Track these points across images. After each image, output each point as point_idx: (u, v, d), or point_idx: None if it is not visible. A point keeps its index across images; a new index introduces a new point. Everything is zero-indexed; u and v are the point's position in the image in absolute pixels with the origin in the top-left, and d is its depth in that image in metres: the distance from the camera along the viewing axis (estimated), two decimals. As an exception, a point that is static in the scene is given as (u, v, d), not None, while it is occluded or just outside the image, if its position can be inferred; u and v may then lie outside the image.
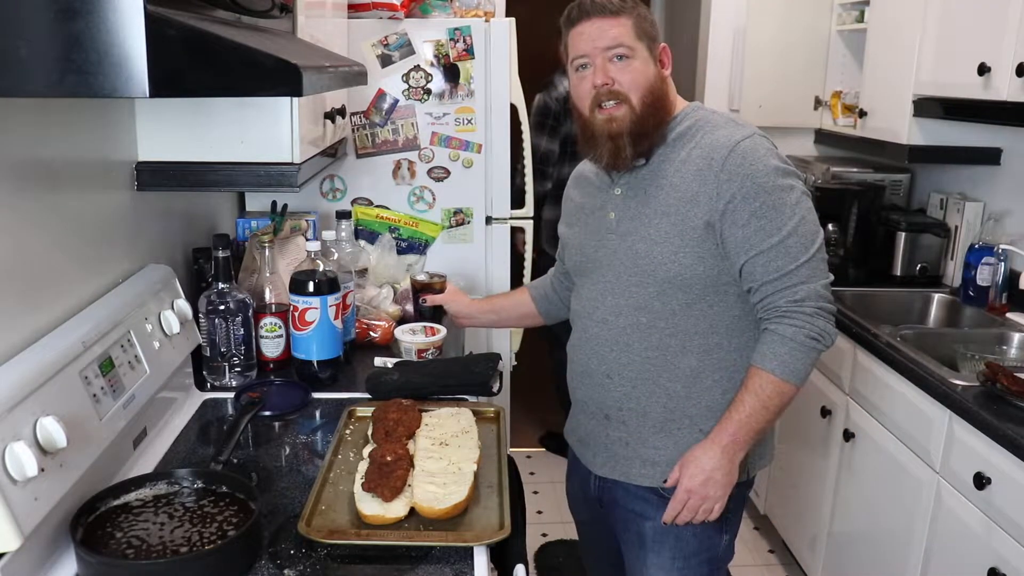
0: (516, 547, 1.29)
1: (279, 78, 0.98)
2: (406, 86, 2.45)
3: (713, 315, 1.48)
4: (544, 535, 3.05)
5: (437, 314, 1.99)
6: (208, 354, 1.79)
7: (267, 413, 1.66)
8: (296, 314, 1.80)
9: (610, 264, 1.53)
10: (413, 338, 1.97)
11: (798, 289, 1.41)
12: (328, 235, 2.11)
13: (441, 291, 1.98)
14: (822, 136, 3.43)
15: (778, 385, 1.42)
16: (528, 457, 3.64)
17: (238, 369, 1.81)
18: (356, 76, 1.56)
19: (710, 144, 1.44)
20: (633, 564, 1.62)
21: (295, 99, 1.60)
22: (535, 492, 3.36)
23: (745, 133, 1.45)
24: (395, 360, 1.90)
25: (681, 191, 1.44)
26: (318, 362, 1.83)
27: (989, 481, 1.78)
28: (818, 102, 3.41)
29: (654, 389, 1.51)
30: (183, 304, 1.68)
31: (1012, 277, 2.47)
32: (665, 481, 1.51)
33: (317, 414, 1.72)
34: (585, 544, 1.86)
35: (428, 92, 2.45)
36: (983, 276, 2.54)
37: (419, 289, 2.01)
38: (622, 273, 1.51)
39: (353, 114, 2.43)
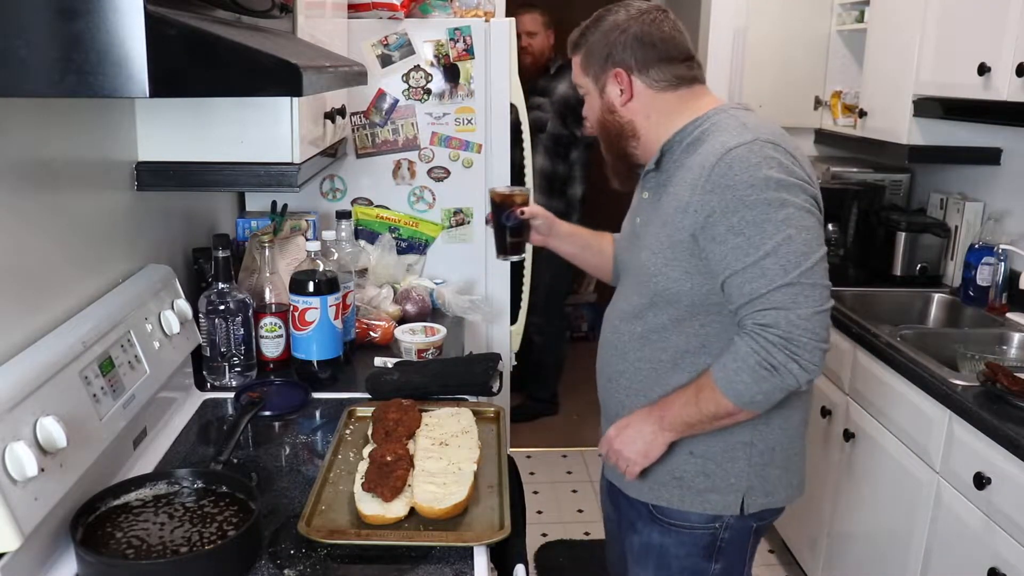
0: (516, 547, 1.29)
1: (279, 78, 0.98)
2: (406, 86, 2.45)
3: (705, 335, 1.41)
4: (544, 535, 3.05)
5: (523, 231, 1.74)
6: (208, 354, 1.79)
7: (267, 413, 1.66)
8: (296, 314, 1.80)
9: (627, 269, 1.54)
10: (413, 338, 1.97)
11: (766, 314, 1.30)
12: (328, 235, 2.11)
13: (524, 205, 1.75)
14: (822, 136, 3.43)
15: (715, 394, 1.35)
16: (528, 457, 3.64)
17: (238, 369, 1.81)
18: (356, 76, 1.56)
19: (707, 151, 1.37)
20: (627, 572, 1.64)
21: (295, 99, 1.60)
22: (535, 492, 3.35)
23: (742, 139, 1.33)
24: (395, 360, 1.90)
25: (677, 200, 1.39)
26: (318, 362, 1.83)
27: (989, 481, 1.78)
28: (818, 102, 3.41)
29: (645, 402, 1.48)
30: (183, 304, 1.68)
31: (1012, 277, 2.47)
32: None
33: (317, 414, 1.72)
34: (607, 540, 1.84)
35: (428, 92, 2.45)
36: (983, 276, 2.54)
37: (500, 203, 1.73)
38: (632, 280, 1.50)
39: (353, 114, 2.43)
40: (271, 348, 1.91)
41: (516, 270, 2.64)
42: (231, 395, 1.75)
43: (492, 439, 1.56)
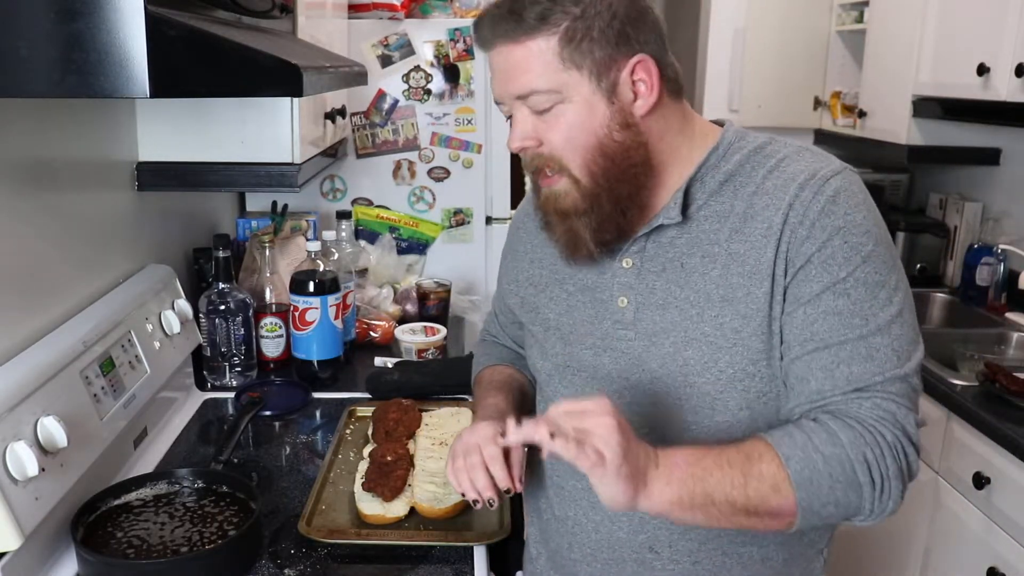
0: (516, 554, 1.29)
1: (279, 78, 0.98)
2: (406, 86, 2.45)
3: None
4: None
5: None
6: (208, 354, 1.80)
7: (267, 413, 1.66)
8: (296, 314, 1.80)
9: (629, 377, 1.02)
10: (413, 338, 1.97)
11: (880, 403, 0.91)
12: (328, 235, 2.12)
13: None
14: (821, 136, 3.43)
15: (782, 480, 0.89)
16: (528, 457, 3.63)
17: (238, 369, 1.81)
18: (356, 76, 1.56)
19: (772, 186, 0.96)
20: None
21: (295, 99, 1.60)
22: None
23: (831, 166, 0.98)
24: (395, 360, 1.91)
25: (750, 262, 0.95)
26: (318, 362, 1.83)
27: (988, 481, 1.78)
28: (817, 102, 3.41)
29: (725, 561, 1.03)
30: (184, 304, 1.68)
31: (1011, 277, 2.48)
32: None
33: (317, 414, 1.72)
34: None
35: (428, 92, 2.46)
36: (982, 276, 2.54)
37: None
38: (663, 395, 1.00)
39: (353, 114, 2.43)
40: (271, 348, 1.91)
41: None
42: (231, 395, 1.75)
43: (492, 439, 1.56)
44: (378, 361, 1.94)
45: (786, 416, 0.97)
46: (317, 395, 1.77)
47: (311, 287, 1.79)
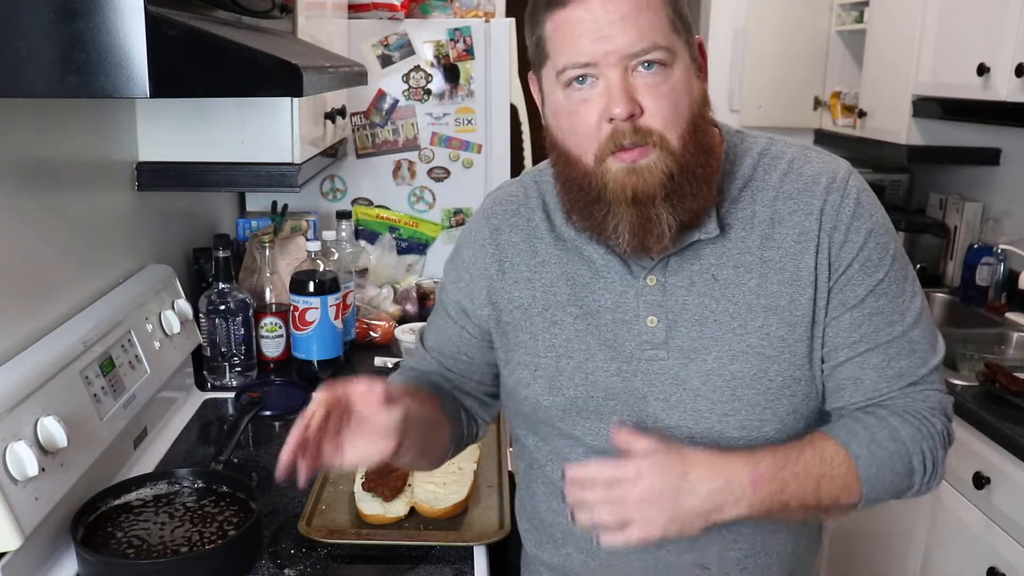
0: (516, 554, 1.29)
1: (279, 78, 0.98)
2: (406, 86, 2.45)
3: None
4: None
5: None
6: (208, 354, 1.80)
7: (267, 413, 1.66)
8: (296, 314, 1.80)
9: (668, 398, 0.98)
10: (413, 338, 1.97)
11: (930, 394, 0.98)
12: (328, 235, 2.12)
13: None
14: (821, 136, 3.44)
15: (851, 479, 0.93)
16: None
17: (238, 369, 1.81)
18: (356, 76, 1.56)
19: (806, 187, 0.96)
20: None
21: (295, 99, 1.60)
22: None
23: (844, 166, 0.98)
24: (395, 360, 1.91)
25: (789, 269, 0.95)
26: (318, 362, 1.83)
27: (988, 481, 1.78)
28: (817, 102, 3.41)
29: (767, 560, 1.04)
30: (184, 304, 1.68)
31: (1011, 277, 2.48)
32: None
33: (317, 414, 1.72)
34: None
35: (428, 92, 2.45)
36: (982, 276, 2.54)
37: None
38: (706, 413, 0.97)
39: (353, 114, 2.43)
40: (271, 348, 1.91)
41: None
42: (231, 395, 1.75)
43: (492, 439, 1.56)
44: (378, 361, 1.94)
45: (835, 412, 1.00)
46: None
47: (311, 287, 1.79)
